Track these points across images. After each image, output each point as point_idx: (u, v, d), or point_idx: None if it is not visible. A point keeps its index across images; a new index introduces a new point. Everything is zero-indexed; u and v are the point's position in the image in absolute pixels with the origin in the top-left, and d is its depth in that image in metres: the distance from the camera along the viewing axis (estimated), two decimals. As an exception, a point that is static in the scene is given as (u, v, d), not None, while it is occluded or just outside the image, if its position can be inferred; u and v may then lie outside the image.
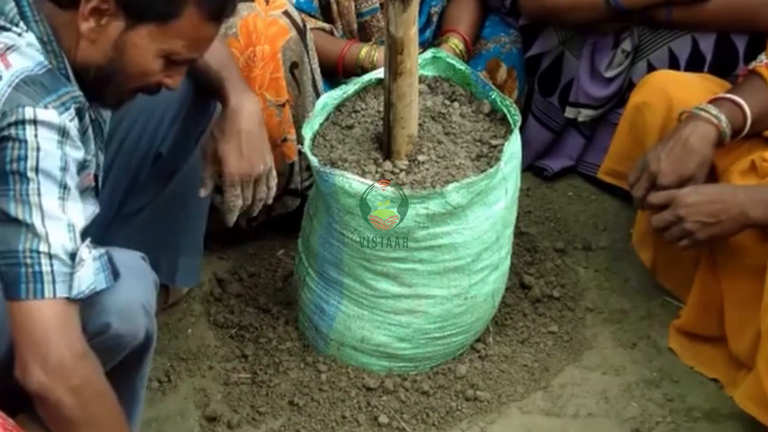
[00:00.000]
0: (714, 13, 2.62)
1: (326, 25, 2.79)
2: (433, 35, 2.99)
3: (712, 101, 2.32)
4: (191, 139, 2.30)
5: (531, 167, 3.09)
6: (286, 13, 2.49)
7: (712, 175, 2.36)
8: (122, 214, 2.26)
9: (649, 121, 2.47)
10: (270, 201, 2.23)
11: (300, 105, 2.59)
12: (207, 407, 2.37)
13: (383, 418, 2.34)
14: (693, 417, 2.38)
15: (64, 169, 1.70)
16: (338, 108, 2.39)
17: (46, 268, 1.67)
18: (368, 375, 2.42)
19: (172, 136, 2.26)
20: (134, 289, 1.83)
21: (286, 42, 2.48)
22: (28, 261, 1.67)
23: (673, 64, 2.72)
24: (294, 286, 2.54)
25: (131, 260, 1.87)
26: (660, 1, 2.64)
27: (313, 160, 2.21)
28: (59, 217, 1.69)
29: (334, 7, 2.80)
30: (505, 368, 2.47)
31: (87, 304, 1.74)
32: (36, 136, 1.67)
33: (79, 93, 1.77)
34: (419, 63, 2.24)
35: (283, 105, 2.55)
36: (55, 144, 1.69)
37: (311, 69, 2.57)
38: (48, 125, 1.68)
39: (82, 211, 1.74)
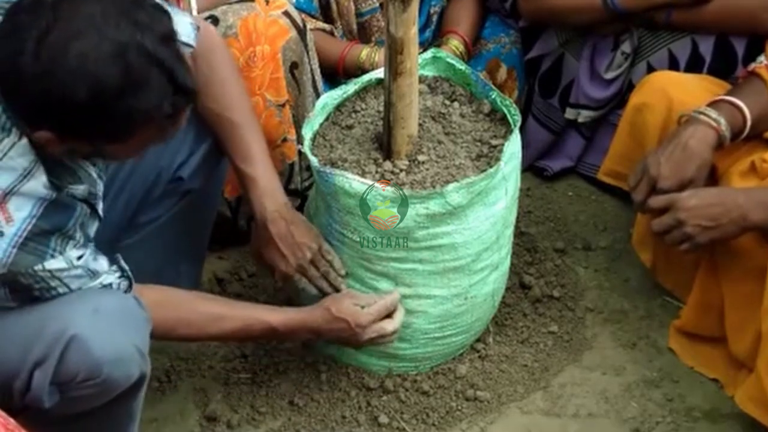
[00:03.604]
0: (714, 16, 2.62)
1: (326, 26, 2.79)
2: (433, 35, 2.99)
3: (712, 104, 2.32)
4: (210, 167, 2.31)
5: (531, 167, 3.09)
6: (286, 13, 2.49)
7: (712, 177, 2.36)
8: (135, 223, 2.29)
9: (649, 122, 2.47)
10: (342, 272, 2.29)
11: (300, 105, 2.59)
12: (207, 407, 2.38)
13: (383, 418, 2.34)
14: (693, 417, 2.38)
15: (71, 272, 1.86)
16: (338, 108, 2.39)
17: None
18: (368, 375, 2.42)
19: (194, 163, 2.27)
20: (126, 333, 1.87)
21: (286, 42, 2.48)
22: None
23: (673, 65, 2.72)
24: (294, 285, 2.53)
25: (122, 303, 1.91)
26: (658, 3, 2.64)
27: (313, 160, 2.21)
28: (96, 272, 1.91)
29: (334, 7, 2.80)
30: (505, 368, 2.47)
31: (79, 353, 1.80)
32: (61, 280, 1.85)
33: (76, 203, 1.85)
34: (419, 63, 2.24)
35: (283, 105, 2.55)
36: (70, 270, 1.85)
37: (311, 69, 2.57)
38: (60, 269, 1.83)
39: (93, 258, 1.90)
